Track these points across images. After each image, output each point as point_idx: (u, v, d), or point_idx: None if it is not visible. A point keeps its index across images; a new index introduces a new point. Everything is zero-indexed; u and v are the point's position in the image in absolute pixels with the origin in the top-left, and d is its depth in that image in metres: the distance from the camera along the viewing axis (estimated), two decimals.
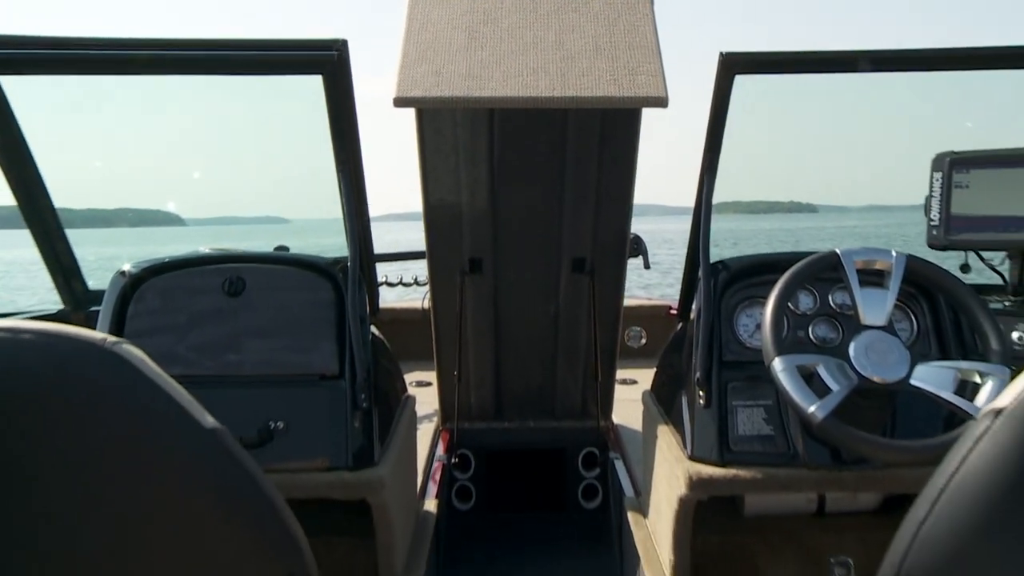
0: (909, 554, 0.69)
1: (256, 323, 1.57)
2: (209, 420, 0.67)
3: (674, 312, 2.00)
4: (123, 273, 1.60)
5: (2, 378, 0.60)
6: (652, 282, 10.71)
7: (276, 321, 1.57)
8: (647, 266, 2.79)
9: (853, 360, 1.35)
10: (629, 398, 2.66)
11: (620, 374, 2.63)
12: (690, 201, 1.73)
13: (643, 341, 3.60)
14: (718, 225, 1.68)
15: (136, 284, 1.59)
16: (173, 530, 0.66)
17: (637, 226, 2.53)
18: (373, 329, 1.74)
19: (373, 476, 1.50)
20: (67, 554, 0.63)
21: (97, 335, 0.63)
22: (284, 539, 0.73)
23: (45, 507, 0.61)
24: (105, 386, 0.62)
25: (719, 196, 1.71)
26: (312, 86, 1.55)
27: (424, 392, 2.92)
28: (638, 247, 2.68)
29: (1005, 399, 0.63)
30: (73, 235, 1.98)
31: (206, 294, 1.58)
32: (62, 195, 1.89)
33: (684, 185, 1.77)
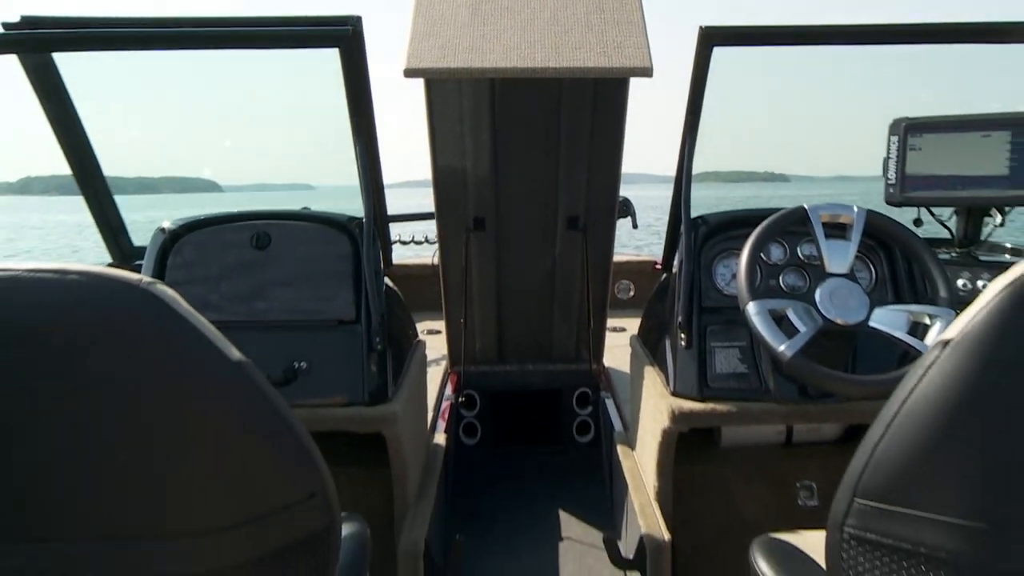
0: (865, 473, 0.69)
1: (281, 274, 1.57)
2: (235, 353, 0.66)
3: (659, 267, 2.00)
4: (163, 230, 1.60)
5: (50, 313, 0.60)
6: (653, 243, 10.67)
7: (299, 272, 1.57)
8: (635, 226, 2.77)
9: (819, 304, 1.36)
10: (618, 344, 2.66)
11: (610, 323, 2.63)
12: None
13: (631, 293, 3.60)
14: (700, 193, 1.67)
15: (175, 239, 1.59)
16: (204, 454, 0.66)
17: (628, 191, 2.51)
18: (387, 281, 1.74)
19: (387, 411, 1.51)
20: (104, 472, 0.63)
21: (134, 276, 0.63)
22: (305, 462, 0.73)
23: (86, 429, 0.62)
24: (141, 321, 0.62)
25: (701, 166, 1.69)
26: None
27: (434, 339, 2.93)
28: (627, 208, 2.65)
29: (951, 332, 0.63)
30: (126, 200, 1.97)
31: (236, 248, 1.58)
32: (116, 166, 1.87)
33: (671, 155, 1.74)
